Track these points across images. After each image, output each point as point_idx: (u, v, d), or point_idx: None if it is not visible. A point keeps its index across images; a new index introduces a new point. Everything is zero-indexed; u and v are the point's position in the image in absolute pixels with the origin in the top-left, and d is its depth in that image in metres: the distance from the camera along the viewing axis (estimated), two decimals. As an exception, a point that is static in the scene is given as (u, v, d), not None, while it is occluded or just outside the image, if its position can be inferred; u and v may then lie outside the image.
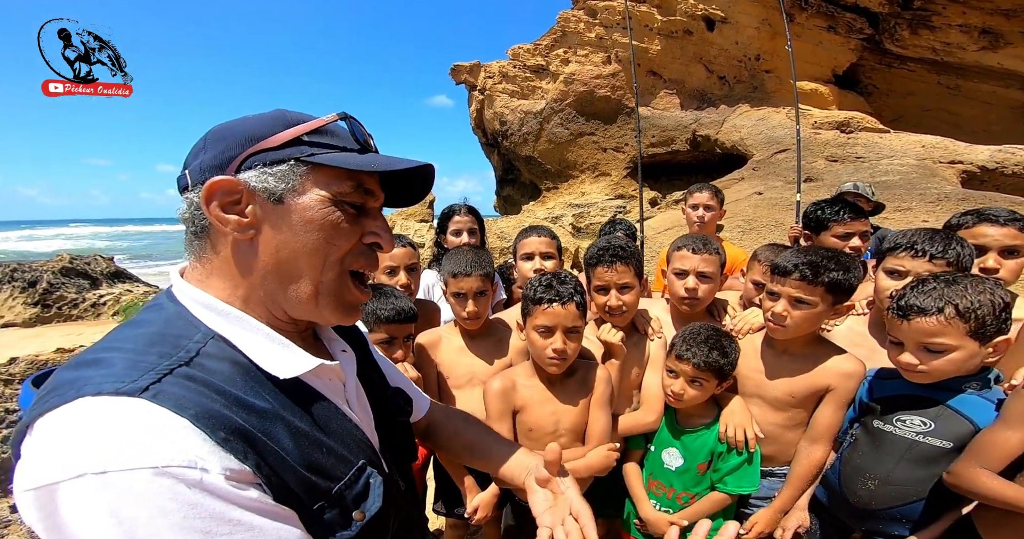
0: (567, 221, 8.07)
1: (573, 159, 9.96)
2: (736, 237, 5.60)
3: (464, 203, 2.47)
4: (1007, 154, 5.63)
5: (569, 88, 10.42)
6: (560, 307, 1.34)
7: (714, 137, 8.30)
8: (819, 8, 8.42)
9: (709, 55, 9.55)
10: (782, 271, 1.40)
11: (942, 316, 1.14)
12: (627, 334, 1.62)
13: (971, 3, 7.58)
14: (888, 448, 1.29)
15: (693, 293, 1.61)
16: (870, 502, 1.30)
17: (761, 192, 6.18)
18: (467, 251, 1.71)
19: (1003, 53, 7.57)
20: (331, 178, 0.60)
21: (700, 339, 1.44)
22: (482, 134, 13.21)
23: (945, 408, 1.23)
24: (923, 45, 8.18)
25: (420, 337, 1.71)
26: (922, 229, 1.50)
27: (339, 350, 0.73)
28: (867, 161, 6.00)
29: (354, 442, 0.63)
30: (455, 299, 1.63)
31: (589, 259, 1.62)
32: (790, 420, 1.49)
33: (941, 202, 4.83)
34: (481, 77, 12.53)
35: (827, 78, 8.68)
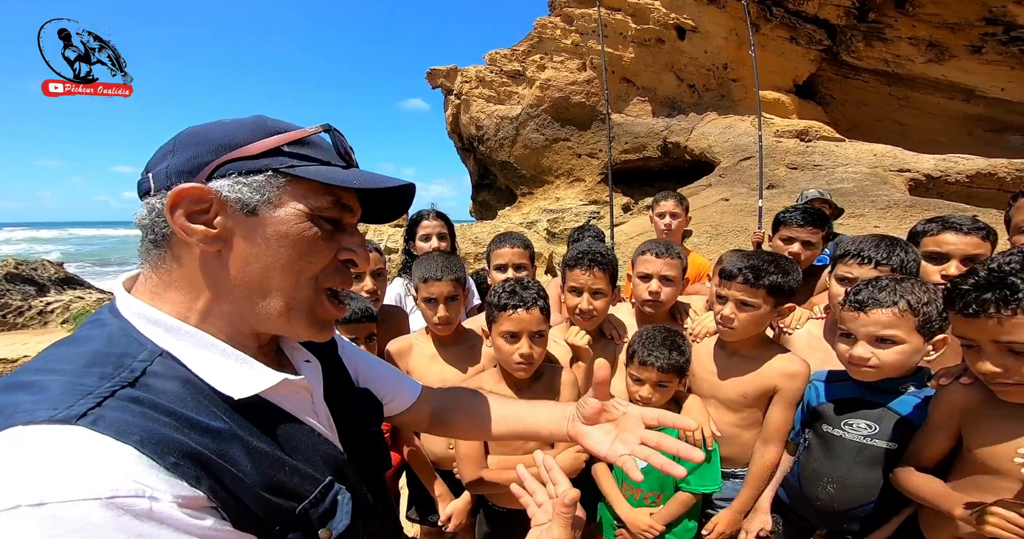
0: (542, 226, 8.17)
1: (548, 164, 10.09)
2: (704, 242, 5.80)
3: (432, 208, 2.44)
4: (950, 163, 6.02)
5: (545, 94, 10.56)
6: (525, 312, 1.37)
7: (684, 144, 8.55)
8: (782, 19, 8.79)
9: (680, 63, 9.84)
10: (728, 275, 1.45)
11: (896, 308, 1.20)
12: (594, 338, 1.64)
13: (920, 16, 8.05)
14: (840, 452, 1.32)
15: (656, 296, 1.65)
16: (832, 504, 1.33)
17: (728, 198, 6.41)
18: (437, 256, 1.70)
19: (948, 66, 8.08)
20: (310, 192, 0.57)
21: (658, 342, 1.47)
22: (458, 139, 13.22)
23: (887, 410, 1.27)
24: (876, 57, 8.64)
25: (390, 345, 1.69)
26: (869, 236, 1.55)
27: (302, 361, 0.70)
28: (824, 169, 6.31)
29: (321, 458, 0.60)
30: (426, 304, 1.62)
31: (568, 261, 1.65)
32: (744, 420, 1.53)
33: (891, 209, 5.12)
34: (458, 81, 12.55)
35: (788, 88, 9.07)
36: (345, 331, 1.42)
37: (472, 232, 6.10)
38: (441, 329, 1.63)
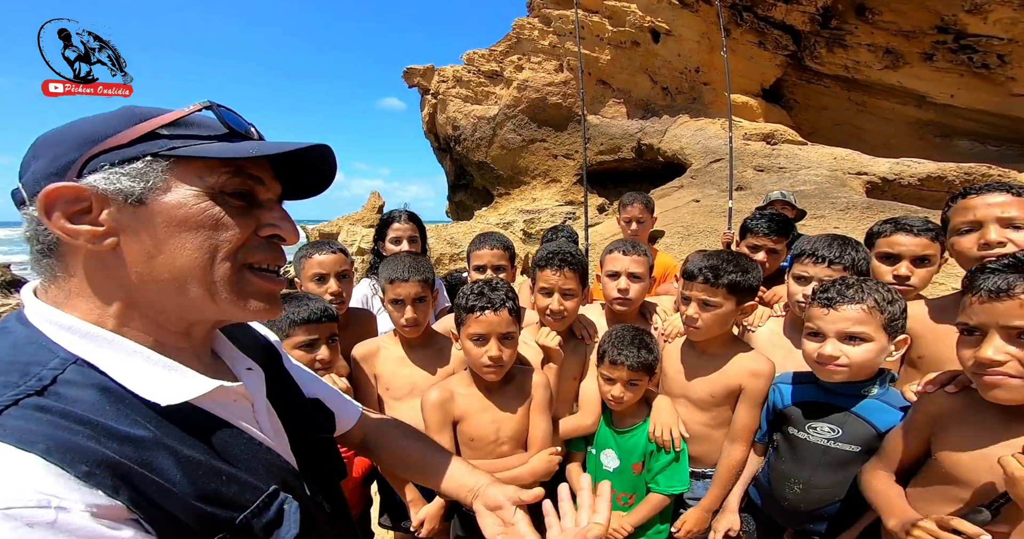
0: (518, 227, 8.23)
1: (525, 165, 10.15)
2: (676, 243, 5.95)
3: (405, 209, 2.40)
4: (904, 167, 6.36)
5: (522, 94, 10.60)
6: (493, 314, 1.35)
7: (657, 146, 8.74)
8: (752, 24, 9.07)
9: (654, 66, 10.03)
10: (689, 275, 1.48)
11: (864, 305, 1.21)
12: (565, 339, 1.64)
13: (878, 23, 8.43)
14: (805, 454, 1.33)
15: (625, 293, 1.67)
16: (799, 504, 1.35)
17: (698, 200, 6.59)
18: (404, 257, 1.69)
19: (902, 72, 8.50)
20: (203, 171, 0.54)
21: (627, 341, 1.48)
22: (434, 139, 13.14)
23: (850, 414, 1.28)
24: (837, 63, 9.02)
25: (356, 348, 1.66)
26: (823, 236, 1.59)
27: (243, 369, 0.68)
28: (788, 171, 6.56)
29: (264, 467, 0.59)
30: (393, 306, 1.59)
31: (538, 261, 1.64)
32: (714, 419, 1.54)
33: (849, 210, 5.38)
34: (435, 81, 12.46)
35: (756, 92, 9.38)
36: (304, 332, 1.38)
37: (448, 233, 6.10)
38: (409, 331, 1.61)
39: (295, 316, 1.38)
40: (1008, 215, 1.26)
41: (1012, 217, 1.26)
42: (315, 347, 1.40)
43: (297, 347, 1.37)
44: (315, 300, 1.45)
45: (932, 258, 1.58)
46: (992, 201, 1.29)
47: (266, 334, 0.83)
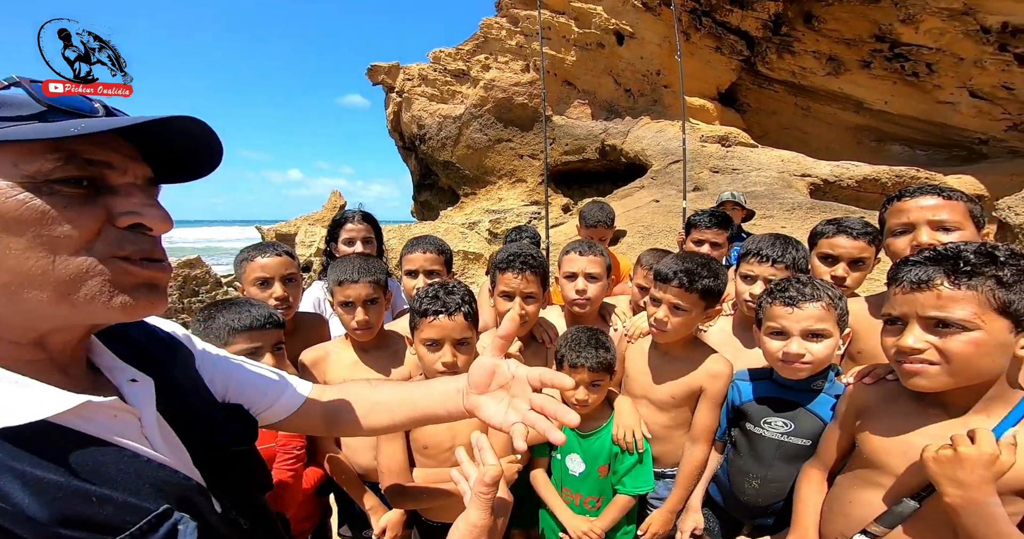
0: (484, 227, 8.26)
1: (491, 165, 10.18)
2: (637, 242, 6.14)
3: (359, 209, 2.34)
4: (843, 169, 6.81)
5: (489, 94, 10.59)
6: (447, 319, 1.30)
7: (620, 147, 8.96)
8: (710, 29, 9.39)
9: (618, 68, 10.23)
10: (663, 277, 1.46)
11: (823, 302, 1.24)
12: (525, 344, 1.63)
13: (823, 31, 8.94)
14: (761, 449, 1.36)
15: (583, 294, 1.65)
16: (757, 500, 1.37)
17: (658, 200, 6.82)
18: (354, 257, 1.64)
19: (842, 79, 9.07)
20: (18, 157, 0.47)
21: (584, 342, 1.45)
22: (399, 137, 12.95)
23: (801, 409, 1.31)
24: (785, 68, 9.51)
25: (304, 354, 1.60)
26: (766, 236, 1.63)
27: (126, 381, 0.61)
28: (741, 173, 6.89)
29: (152, 485, 0.54)
30: (343, 309, 1.54)
31: (499, 263, 1.59)
32: (674, 420, 1.55)
33: (795, 210, 5.72)
34: (400, 79, 12.26)
35: (713, 95, 9.76)
36: (245, 339, 1.31)
37: (412, 233, 6.05)
38: (360, 334, 1.56)
39: (235, 323, 1.30)
40: (938, 218, 1.30)
41: (942, 220, 1.29)
42: (258, 355, 1.33)
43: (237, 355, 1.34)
44: (258, 306, 1.38)
45: (867, 261, 1.65)
46: (924, 204, 1.33)
47: (173, 331, 0.76)
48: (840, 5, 8.45)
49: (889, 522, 0.96)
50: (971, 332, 0.86)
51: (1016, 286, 0.85)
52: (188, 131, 0.56)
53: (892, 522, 0.96)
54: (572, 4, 10.11)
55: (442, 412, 0.85)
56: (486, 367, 0.77)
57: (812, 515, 1.17)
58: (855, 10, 8.40)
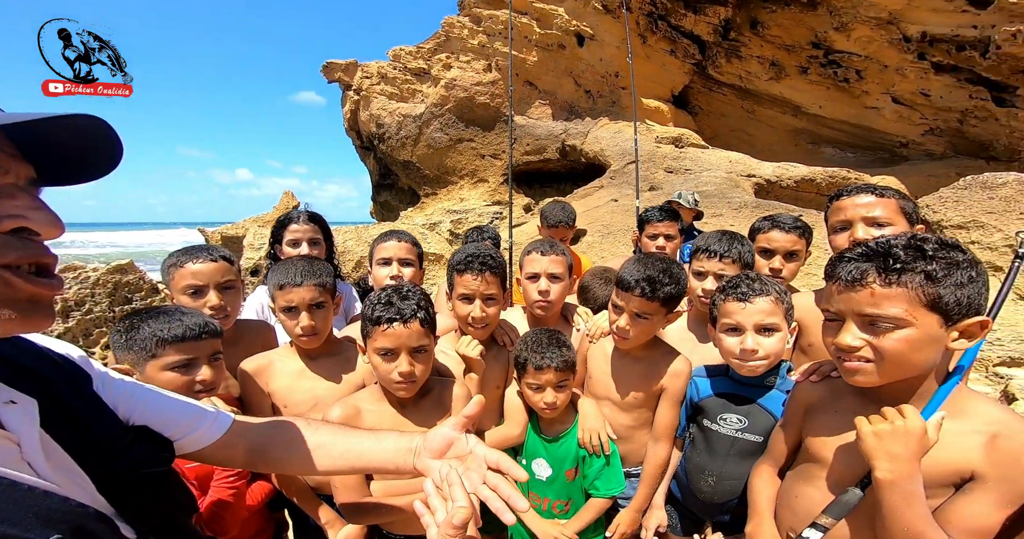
0: (445, 227, 8.23)
1: (452, 165, 10.13)
2: (597, 241, 6.31)
3: (305, 209, 2.23)
4: (783, 170, 7.26)
5: (450, 93, 10.51)
6: (402, 326, 1.22)
7: (580, 147, 9.15)
8: (665, 33, 9.69)
9: (578, 69, 10.41)
10: (625, 286, 1.43)
11: (772, 296, 1.27)
12: (487, 347, 1.58)
13: (767, 36, 9.44)
14: (717, 445, 1.37)
15: (546, 295, 1.63)
16: (713, 497, 1.38)
17: (617, 199, 7.02)
18: (297, 260, 1.57)
19: (783, 84, 9.64)
20: None
21: (546, 343, 1.43)
22: (356, 136, 12.65)
23: (754, 405, 1.33)
24: (733, 72, 9.99)
25: (245, 363, 1.51)
26: (714, 233, 1.68)
27: (1, 403, 0.56)
28: (694, 173, 7.21)
29: (37, 515, 0.51)
30: (285, 315, 1.47)
31: (456, 265, 1.54)
32: (636, 420, 1.55)
33: (741, 209, 6.05)
34: (358, 77, 11.96)
35: (667, 97, 10.12)
36: (177, 351, 1.21)
37: (370, 234, 5.93)
38: (306, 341, 1.47)
39: (164, 333, 1.20)
40: (872, 214, 1.36)
41: (876, 216, 1.36)
42: (193, 368, 1.23)
43: (168, 368, 1.20)
44: (190, 313, 1.28)
45: (799, 253, 1.79)
46: (859, 202, 1.39)
47: (67, 353, 0.71)
48: (783, 12, 8.96)
49: (837, 512, 0.96)
50: (903, 329, 0.87)
51: (945, 280, 0.85)
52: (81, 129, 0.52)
53: (840, 512, 0.96)
54: (534, 5, 10.20)
55: (390, 467, 0.84)
56: (445, 438, 0.78)
57: (767, 505, 1.18)
58: (795, 17, 8.93)
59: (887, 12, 8.02)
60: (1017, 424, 0.90)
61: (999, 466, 0.86)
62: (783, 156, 8.67)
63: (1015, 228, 3.97)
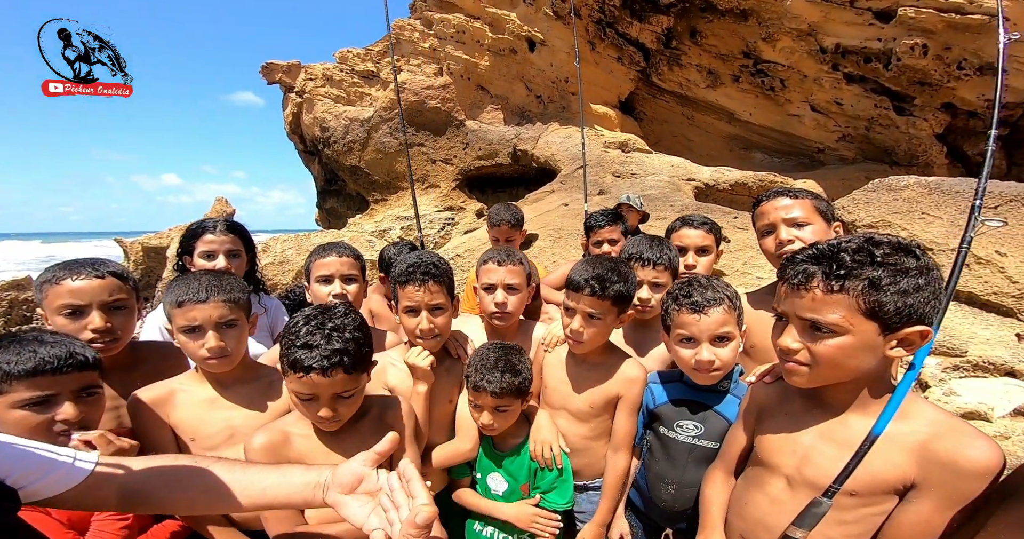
0: (395, 234, 8.06)
1: (402, 170, 9.95)
2: (548, 246, 6.39)
3: (223, 218, 2.08)
4: (720, 174, 7.70)
5: (400, 97, 10.31)
6: (321, 377, 1.08)
7: (531, 152, 9.25)
8: (613, 40, 10.00)
9: (529, 74, 10.52)
10: (575, 286, 1.43)
11: (725, 304, 1.26)
12: (438, 359, 1.53)
13: (705, 46, 9.96)
14: (675, 453, 1.36)
15: (503, 307, 1.59)
16: (674, 505, 1.37)
17: (567, 203, 7.15)
18: (201, 273, 1.43)
19: (719, 91, 10.23)
20: None
21: (491, 364, 1.38)
22: (299, 140, 12.13)
23: (709, 411, 1.34)
24: (674, 80, 10.48)
25: (141, 393, 1.36)
26: (641, 239, 1.71)
27: None
28: (639, 177, 7.48)
29: None
30: (186, 336, 1.32)
31: (398, 277, 1.49)
32: (593, 430, 1.53)
33: (683, 211, 6.33)
34: (301, 78, 11.46)
35: (614, 103, 10.45)
36: (28, 386, 1.07)
37: (311, 242, 5.68)
38: (215, 364, 1.34)
39: (12, 366, 1.06)
40: (791, 216, 1.42)
41: (795, 217, 1.42)
42: (51, 404, 1.10)
43: (18, 406, 1.06)
44: (53, 343, 1.12)
45: (709, 248, 1.91)
46: (778, 205, 1.46)
47: None
48: (718, 22, 9.50)
49: (809, 523, 0.94)
50: (839, 336, 0.88)
51: (889, 288, 0.84)
52: None
53: (811, 523, 0.94)
54: (487, 10, 10.22)
55: (298, 501, 0.82)
56: (355, 473, 0.77)
57: (718, 514, 1.17)
58: (729, 27, 9.50)
59: (807, 24, 8.70)
60: (952, 424, 0.89)
61: (936, 470, 0.86)
62: (720, 160, 9.19)
63: (918, 228, 4.41)
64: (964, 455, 0.84)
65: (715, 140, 10.64)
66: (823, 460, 0.97)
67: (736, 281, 4.99)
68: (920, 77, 8.21)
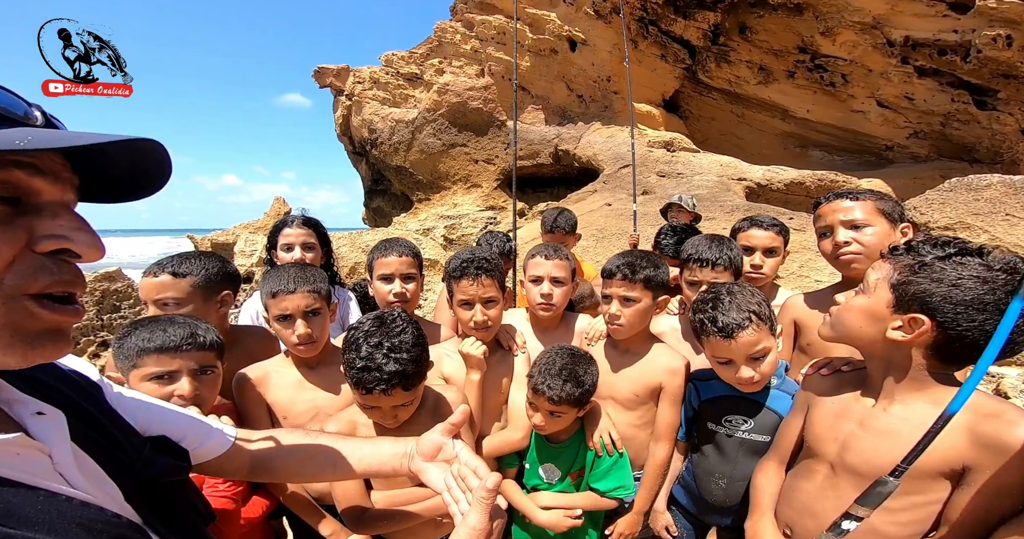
0: (439, 233, 8.21)
1: (445, 170, 10.15)
2: (591, 245, 6.34)
3: (300, 214, 2.22)
4: (773, 173, 7.36)
5: (443, 98, 10.53)
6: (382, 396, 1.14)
7: (573, 152, 9.20)
8: (656, 37, 9.81)
9: (570, 74, 10.49)
10: (608, 274, 1.52)
11: (753, 324, 1.24)
12: (491, 350, 1.58)
13: (755, 41, 9.58)
14: (725, 448, 1.37)
15: (548, 298, 1.64)
16: (725, 500, 1.37)
17: (610, 203, 7.06)
18: (289, 266, 1.53)
19: (771, 88, 9.78)
20: None
21: (555, 370, 1.39)
22: (348, 142, 12.63)
23: (759, 405, 1.34)
24: (723, 77, 10.13)
25: (242, 373, 1.49)
26: (701, 239, 1.66)
27: (29, 414, 0.55)
28: (685, 177, 7.28)
29: (79, 525, 0.49)
30: (280, 324, 1.44)
31: (452, 272, 1.56)
32: (639, 419, 1.56)
33: (734, 212, 6.11)
34: (350, 82, 11.95)
35: (658, 102, 10.23)
36: (155, 362, 1.19)
37: (364, 240, 5.90)
38: (303, 350, 1.44)
39: (145, 343, 1.19)
40: (849, 218, 1.42)
41: (853, 219, 1.42)
42: (172, 380, 1.21)
43: (147, 379, 1.20)
44: (179, 324, 1.25)
45: (777, 250, 1.87)
46: (836, 208, 1.46)
47: (74, 366, 0.71)
48: (770, 17, 9.10)
49: (873, 502, 0.92)
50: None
51: (922, 272, 0.90)
52: (138, 151, 0.50)
53: (875, 501, 0.92)
54: (527, 10, 10.29)
55: (388, 471, 0.89)
56: (435, 443, 0.84)
57: (769, 501, 1.18)
58: (782, 22, 9.08)
59: (871, 17, 8.19)
60: (996, 406, 0.90)
61: (985, 452, 0.87)
62: (772, 160, 8.79)
63: (1001, 230, 4.04)
64: (1012, 434, 0.85)
65: (768, 138, 10.20)
66: (862, 447, 0.99)
67: (792, 284, 4.76)
68: (1004, 69, 7.53)
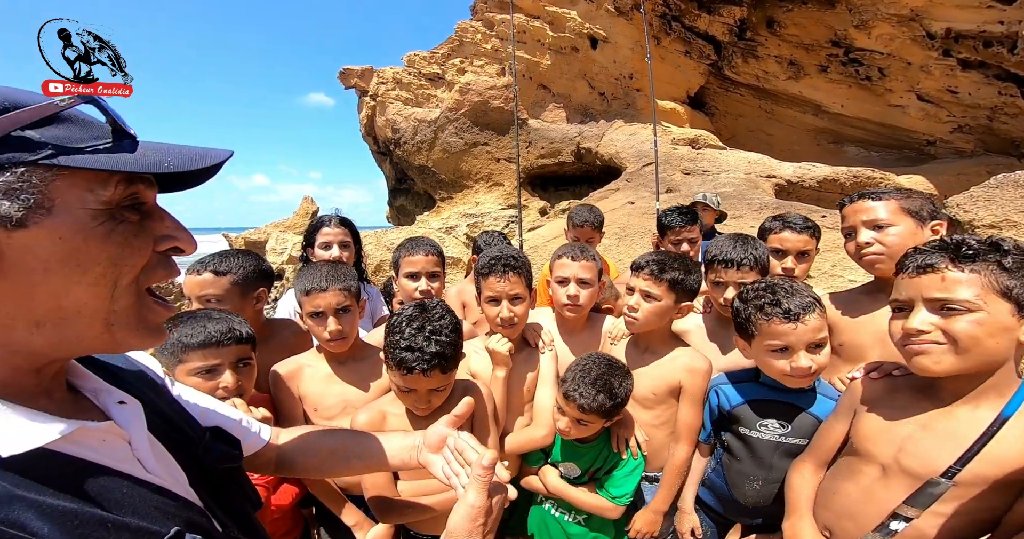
0: (461, 231, 8.26)
1: (467, 169, 10.19)
2: (614, 244, 6.26)
3: (336, 214, 2.34)
4: (805, 170, 7.12)
5: (464, 98, 10.60)
6: (421, 377, 1.20)
7: (595, 150, 9.12)
8: (679, 34, 9.62)
9: (592, 72, 10.39)
10: (636, 266, 1.54)
11: (817, 310, 1.23)
12: (517, 347, 1.60)
13: (784, 36, 9.29)
14: (760, 452, 1.36)
15: (575, 300, 1.64)
16: (759, 500, 1.37)
17: (633, 202, 6.97)
18: (322, 265, 1.58)
19: (802, 83, 9.46)
20: (94, 182, 0.45)
21: (589, 379, 1.38)
22: (373, 141, 12.84)
23: (795, 409, 1.32)
24: (750, 72, 9.85)
25: (277, 367, 1.55)
26: (727, 239, 1.64)
27: (113, 403, 0.58)
28: (711, 175, 7.12)
29: (157, 508, 0.53)
30: (313, 320, 1.49)
31: (481, 269, 1.58)
32: (657, 418, 1.56)
33: (762, 210, 5.94)
34: (374, 82, 12.15)
35: (682, 98, 10.03)
36: (200, 357, 1.24)
37: (388, 239, 6.01)
38: (334, 345, 1.50)
39: (189, 339, 1.23)
40: (871, 218, 1.40)
41: (875, 219, 1.40)
42: (216, 373, 1.26)
43: (193, 374, 1.24)
44: (218, 320, 1.30)
45: (810, 253, 1.83)
46: (858, 208, 1.44)
47: (138, 359, 0.75)
48: (799, 11, 8.81)
49: (923, 502, 0.91)
50: (975, 313, 0.86)
51: (1018, 272, 0.86)
52: None
53: (926, 502, 0.91)
54: (547, 8, 10.24)
55: (397, 463, 0.93)
56: (440, 434, 0.88)
57: (806, 503, 1.17)
58: (813, 16, 8.78)
59: (908, 9, 7.83)
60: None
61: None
62: (804, 156, 8.49)
63: (1052, 228, 3.80)
64: None
65: (799, 134, 9.85)
66: (922, 450, 0.96)
67: (824, 284, 4.60)
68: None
